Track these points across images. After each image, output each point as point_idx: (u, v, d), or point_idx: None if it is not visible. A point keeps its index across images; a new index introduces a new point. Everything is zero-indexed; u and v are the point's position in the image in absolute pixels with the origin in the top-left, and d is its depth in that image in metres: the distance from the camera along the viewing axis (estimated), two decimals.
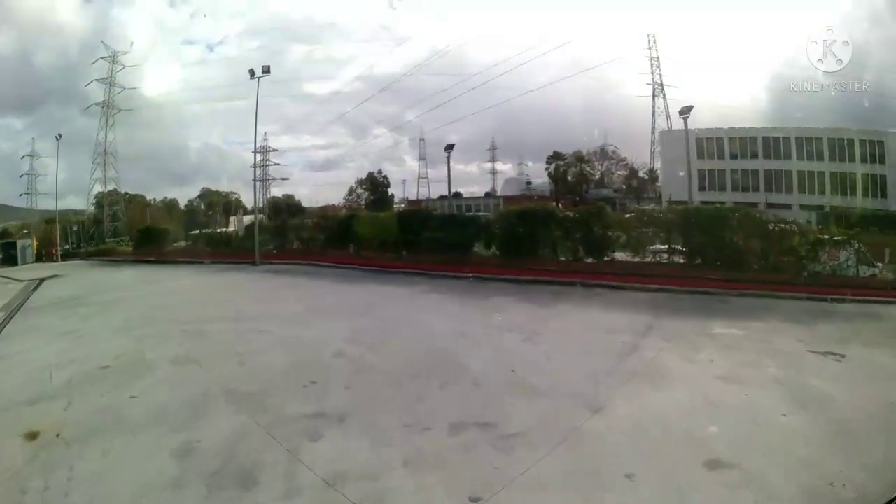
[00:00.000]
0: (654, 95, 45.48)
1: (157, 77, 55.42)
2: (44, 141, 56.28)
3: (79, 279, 25.92)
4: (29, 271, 32.31)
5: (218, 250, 31.77)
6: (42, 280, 25.25)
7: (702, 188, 36.89)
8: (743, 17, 33.23)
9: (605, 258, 19.45)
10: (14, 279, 26.24)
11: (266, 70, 28.92)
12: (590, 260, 19.55)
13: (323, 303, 15.76)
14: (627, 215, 21.63)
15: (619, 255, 19.63)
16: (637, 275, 17.41)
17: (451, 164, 30.37)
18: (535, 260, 19.75)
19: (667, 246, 18.71)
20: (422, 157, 72.28)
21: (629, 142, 52.32)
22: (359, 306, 14.78)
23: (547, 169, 59.64)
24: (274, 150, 76.25)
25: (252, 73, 29.04)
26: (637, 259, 19.06)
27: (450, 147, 29.96)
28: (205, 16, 56.23)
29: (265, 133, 69.87)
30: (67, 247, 49.81)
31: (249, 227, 31.19)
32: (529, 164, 61.17)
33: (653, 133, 47.17)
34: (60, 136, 44.69)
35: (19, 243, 41.89)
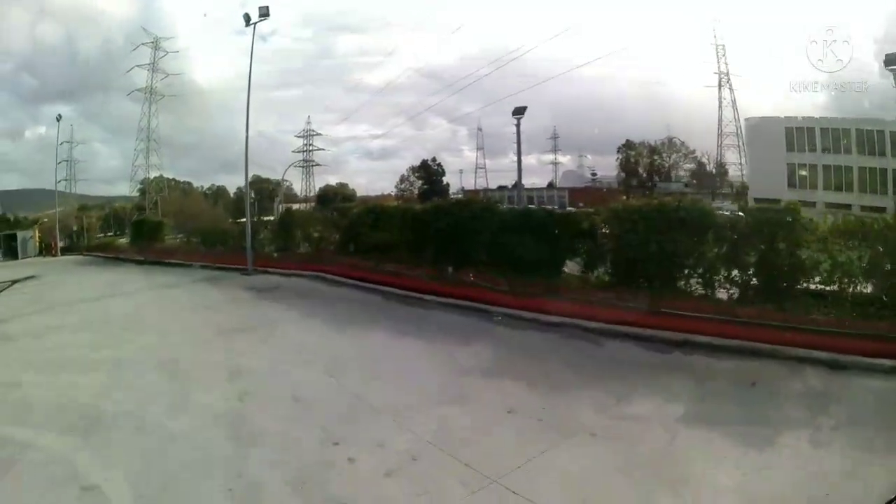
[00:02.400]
0: (720, 85, 43.75)
1: (209, 66, 55.36)
2: (91, 128, 56.73)
3: (44, 284, 20.58)
4: (18, 268, 27.65)
5: (214, 250, 24.88)
6: (13, 283, 20.66)
7: (791, 185, 34.22)
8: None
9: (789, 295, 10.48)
10: None
11: (264, 13, 21.36)
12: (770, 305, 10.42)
13: (285, 396, 7.71)
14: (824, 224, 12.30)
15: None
16: (852, 334, 8.79)
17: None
18: (674, 294, 11.19)
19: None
20: (479, 147, 71.46)
21: (691, 135, 51.27)
22: (346, 413, 6.88)
23: (618, 159, 57.07)
24: (318, 135, 72.82)
25: (247, 18, 21.55)
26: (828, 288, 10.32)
27: (520, 111, 21.68)
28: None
29: (308, 116, 68.99)
30: (112, 234, 49.90)
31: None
32: (588, 156, 59.41)
33: (719, 125, 45.64)
34: (60, 116, 41.49)
35: (19, 235, 37.33)
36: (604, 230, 13.05)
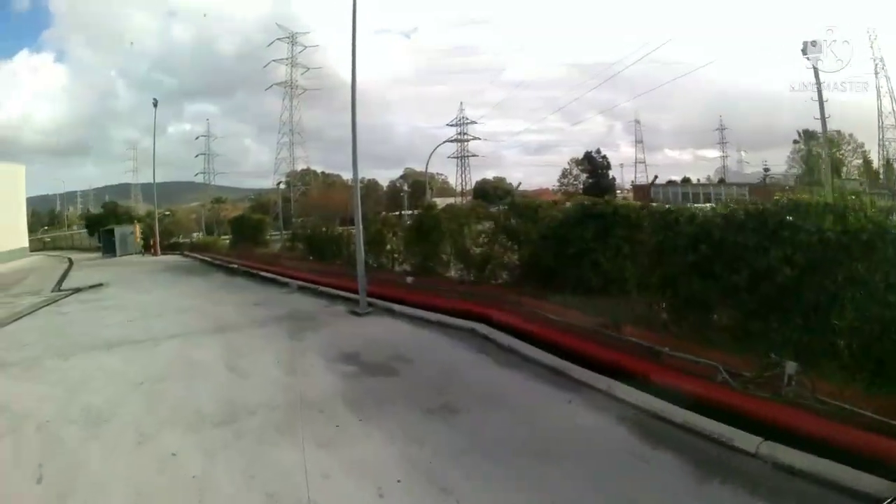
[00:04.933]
0: (876, 73, 40.66)
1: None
2: (239, 124, 60.75)
3: (95, 301, 15.46)
4: (106, 268, 25.34)
5: (323, 261, 17.76)
6: (75, 291, 17.11)
7: None
8: None
9: None
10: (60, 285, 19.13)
11: None
12: None
13: None
14: None
15: None
16: None
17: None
18: None
19: None
20: (638, 140, 70.33)
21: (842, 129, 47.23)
22: None
23: (798, 150, 52.33)
24: (472, 123, 68.83)
25: None
26: None
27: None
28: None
29: (461, 103, 68.07)
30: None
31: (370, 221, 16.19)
32: (743, 153, 58.33)
33: (879, 116, 41.89)
34: (157, 101, 38.33)
35: (117, 231, 33.97)
36: None
